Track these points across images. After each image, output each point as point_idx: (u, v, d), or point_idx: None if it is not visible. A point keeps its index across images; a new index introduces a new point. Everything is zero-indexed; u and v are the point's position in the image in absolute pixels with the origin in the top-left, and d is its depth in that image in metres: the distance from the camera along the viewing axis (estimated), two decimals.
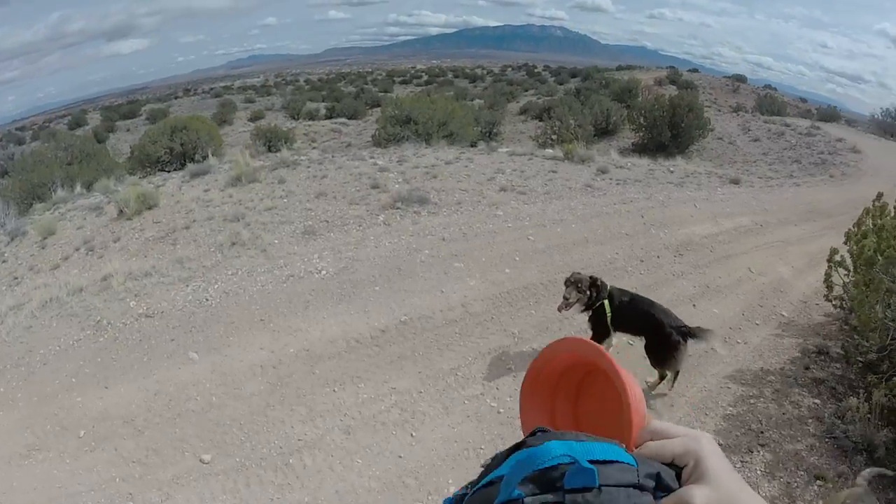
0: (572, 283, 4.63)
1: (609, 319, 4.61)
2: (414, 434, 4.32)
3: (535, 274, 6.72)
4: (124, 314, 6.21)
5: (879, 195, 5.96)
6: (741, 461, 4.12)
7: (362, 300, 6.07)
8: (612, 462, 0.59)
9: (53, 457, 4.46)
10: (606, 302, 4.62)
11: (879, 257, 4.87)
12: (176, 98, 63.54)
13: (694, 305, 6.31)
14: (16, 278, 8.26)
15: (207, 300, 6.24)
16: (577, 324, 5.54)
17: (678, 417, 4.55)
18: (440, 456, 4.11)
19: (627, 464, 0.60)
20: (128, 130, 38.51)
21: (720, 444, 4.00)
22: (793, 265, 7.92)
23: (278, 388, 4.80)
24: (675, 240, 7.97)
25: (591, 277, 4.64)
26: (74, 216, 10.42)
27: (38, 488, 4.19)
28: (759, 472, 4.03)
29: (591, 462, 0.58)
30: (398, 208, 8.49)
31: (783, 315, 6.44)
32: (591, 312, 4.74)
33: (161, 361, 5.34)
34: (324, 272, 6.64)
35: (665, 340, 4.45)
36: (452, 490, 3.73)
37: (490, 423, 4.44)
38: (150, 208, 9.51)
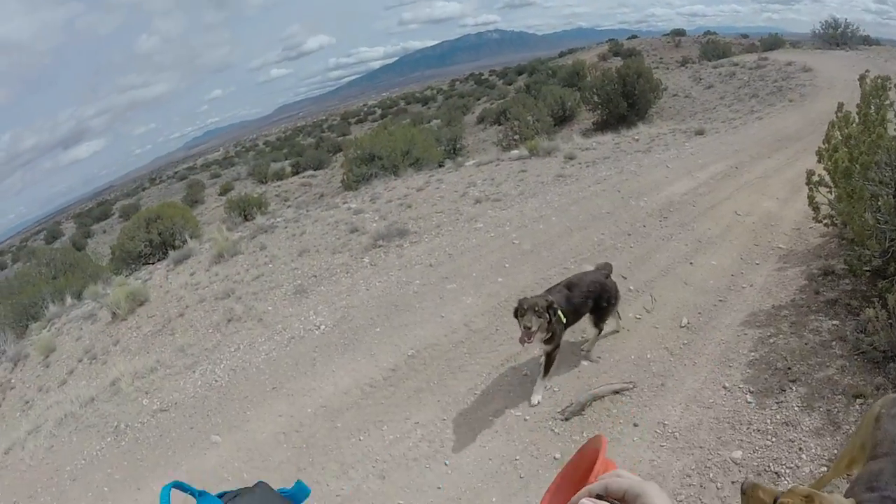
0: (528, 309, 4.27)
1: (564, 323, 4.58)
2: (447, 462, 4.33)
3: (528, 276, 6.77)
4: (139, 413, 6.21)
5: (840, 106, 5.95)
6: (776, 403, 4.10)
7: (366, 345, 6.09)
8: None
9: None
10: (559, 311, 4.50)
11: (855, 166, 4.92)
12: (144, 189, 63.47)
13: (691, 263, 6.35)
14: (27, 402, 8.24)
15: (217, 381, 6.24)
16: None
17: (703, 376, 4.57)
18: (478, 477, 4.12)
19: None
20: (104, 232, 38.45)
21: (751, 392, 4.13)
22: (777, 197, 8.00)
23: (305, 451, 4.81)
24: (657, 205, 8.03)
25: (546, 300, 4.38)
26: (71, 328, 10.41)
27: None
28: (796, 408, 4.00)
29: None
30: (380, 246, 8.53)
31: (780, 248, 6.50)
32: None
33: (186, 451, 5.34)
34: (322, 327, 6.66)
35: (607, 292, 4.80)
36: None
37: (519, 432, 4.46)
38: (141, 304, 9.53)
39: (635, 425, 4.25)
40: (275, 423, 5.25)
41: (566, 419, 4.45)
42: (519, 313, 4.29)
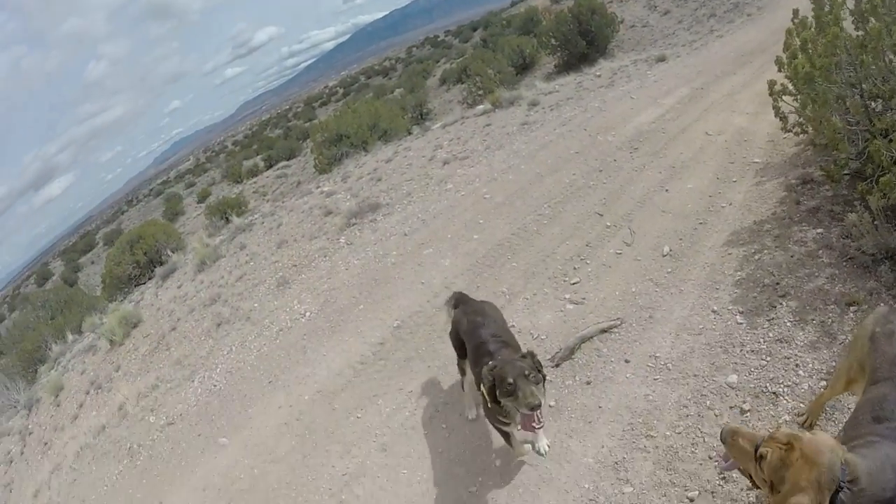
0: (519, 378, 2.98)
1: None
2: (444, 425, 4.37)
3: (504, 228, 6.74)
4: (149, 431, 6.29)
5: (795, 12, 5.76)
6: (768, 321, 4.03)
7: (352, 323, 6.12)
8: None
9: None
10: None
11: (815, 71, 4.84)
12: (123, 213, 62.94)
13: (666, 190, 6.29)
14: (45, 444, 8.33)
15: (216, 386, 6.32)
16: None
17: (691, 303, 4.53)
18: (477, 436, 4.16)
19: None
20: (93, 262, 38.30)
21: (741, 312, 4.13)
22: (747, 112, 7.90)
23: (308, 437, 4.88)
24: (625, 137, 7.95)
25: (524, 356, 3.20)
26: (75, 363, 10.46)
27: None
28: (788, 323, 3.93)
29: None
30: (354, 224, 8.52)
31: (756, 162, 6.41)
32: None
33: (198, 458, 5.44)
34: (308, 314, 6.70)
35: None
36: (499, 463, 3.81)
37: None
38: (135, 326, 9.56)
39: (627, 362, 4.22)
40: (276, 416, 5.31)
41: (557, 366, 4.43)
42: (506, 391, 2.97)
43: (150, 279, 13.46)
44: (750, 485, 2.26)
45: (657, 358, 4.16)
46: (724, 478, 3.05)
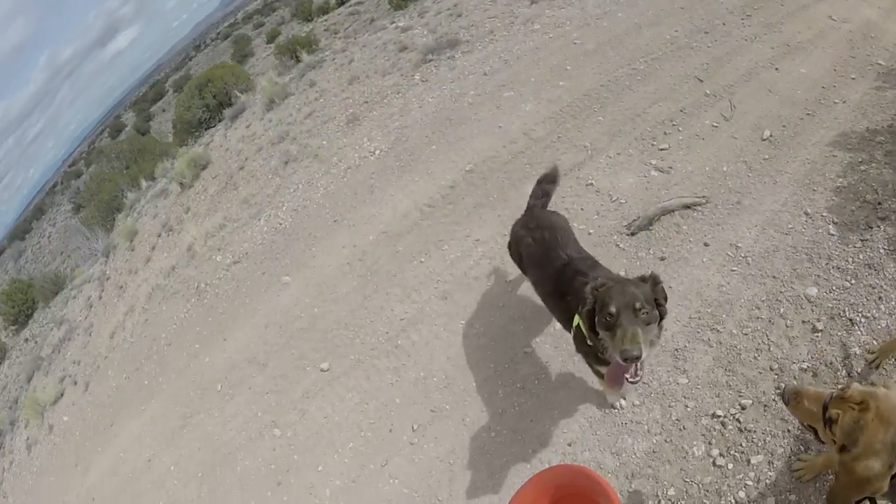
0: (624, 310, 2.37)
1: None
2: (508, 279, 4.49)
3: (593, 77, 6.45)
4: (216, 271, 6.93)
5: None
6: (861, 240, 3.79)
7: (423, 164, 6.23)
8: None
9: (204, 417, 5.30)
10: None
11: None
12: (191, 59, 64.42)
13: (777, 69, 5.77)
14: (121, 287, 9.39)
15: (281, 224, 6.78)
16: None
17: (783, 198, 4.30)
18: None
19: None
20: (164, 111, 40.33)
21: (834, 223, 3.93)
22: (879, 5, 6.85)
23: (370, 278, 5.18)
24: (738, 0, 7.18)
25: (645, 279, 2.56)
26: (148, 209, 11.47)
27: (202, 448, 5.03)
28: (882, 250, 3.68)
29: None
30: (430, 60, 8.41)
31: (880, 64, 5.69)
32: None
33: (260, 296, 5.97)
34: (377, 152, 6.86)
35: None
36: (558, 326, 3.88)
37: (583, 246, 4.42)
38: (204, 168, 10.23)
39: (706, 245, 4.13)
40: (339, 255, 5.66)
41: (632, 234, 4.39)
42: (605, 322, 2.37)
43: (219, 122, 14.09)
44: (814, 438, 2.15)
45: (738, 248, 4.03)
46: (780, 394, 3.00)
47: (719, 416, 3.07)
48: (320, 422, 4.37)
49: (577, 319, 2.62)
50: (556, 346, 3.84)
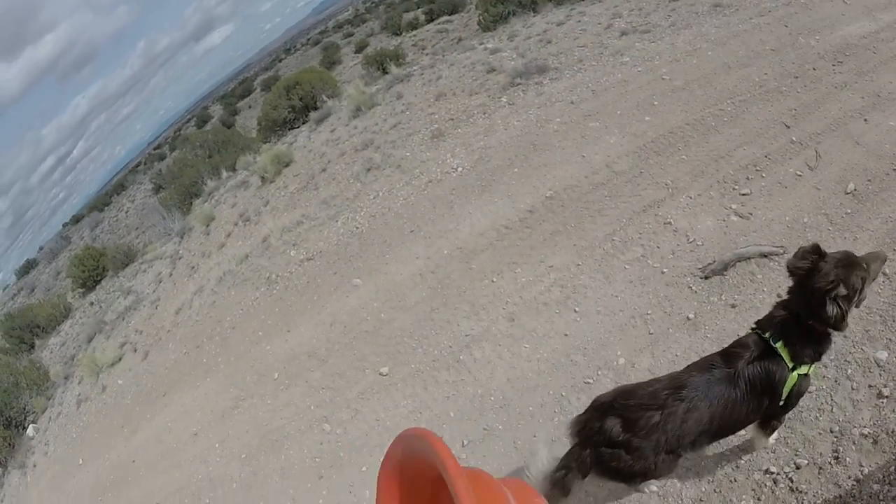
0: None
1: None
2: (577, 309, 4.51)
3: (679, 115, 6.41)
4: (288, 264, 7.17)
5: None
6: None
7: (504, 185, 6.31)
8: None
9: (256, 402, 5.50)
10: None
11: None
12: (280, 61, 66.80)
13: (865, 120, 5.60)
14: (192, 267, 9.79)
15: (357, 228, 6.98)
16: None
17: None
18: (606, 328, 4.26)
19: None
20: (250, 107, 41.85)
21: None
22: None
23: (439, 291, 5.28)
24: (830, 46, 7.02)
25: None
26: (227, 198, 11.92)
27: (250, 431, 5.21)
28: None
29: None
30: (518, 84, 8.53)
31: None
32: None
33: (330, 295, 6.16)
34: (460, 169, 7.00)
35: None
36: (622, 362, 3.90)
37: (655, 285, 4.46)
38: (287, 165, 10.59)
39: (779, 296, 3.96)
40: (412, 265, 5.79)
41: (706, 277, 4.35)
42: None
43: (304, 123, 14.60)
44: None
45: None
46: (836, 457, 2.92)
47: (772, 473, 2.99)
48: (371, 423, 4.47)
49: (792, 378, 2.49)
50: (616, 381, 3.82)
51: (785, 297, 2.55)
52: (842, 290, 2.26)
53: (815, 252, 2.39)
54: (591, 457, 2.55)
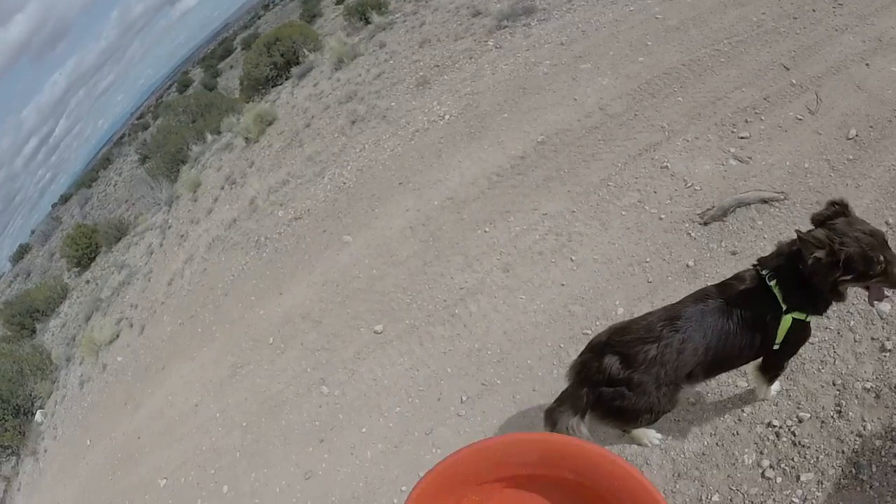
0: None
1: None
2: (573, 258, 4.39)
3: (674, 55, 6.19)
4: (276, 225, 7.04)
5: None
6: None
7: (493, 132, 6.13)
8: None
9: (254, 368, 5.43)
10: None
11: None
12: (259, 18, 65.57)
13: (867, 64, 5.38)
14: (182, 236, 9.68)
15: (345, 183, 6.83)
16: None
17: (865, 203, 3.99)
18: (604, 277, 4.16)
19: None
20: (231, 67, 41.21)
21: None
22: None
23: (431, 244, 5.15)
24: None
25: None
26: (212, 162, 11.75)
27: (248, 398, 5.16)
28: None
29: None
30: (505, 27, 8.26)
31: None
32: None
33: (320, 254, 6.04)
34: (447, 116, 6.80)
35: None
36: (620, 311, 3.78)
37: (653, 231, 4.33)
38: (270, 124, 10.39)
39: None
40: (402, 218, 5.65)
41: (705, 223, 4.22)
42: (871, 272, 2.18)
43: (286, 80, 14.29)
44: None
45: None
46: (839, 411, 2.86)
47: (775, 426, 2.92)
48: (369, 383, 4.39)
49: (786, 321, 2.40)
50: None
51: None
52: (820, 254, 2.12)
53: (839, 205, 2.26)
54: (592, 399, 2.50)
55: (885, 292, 2.50)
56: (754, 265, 2.48)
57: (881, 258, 2.13)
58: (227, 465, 4.74)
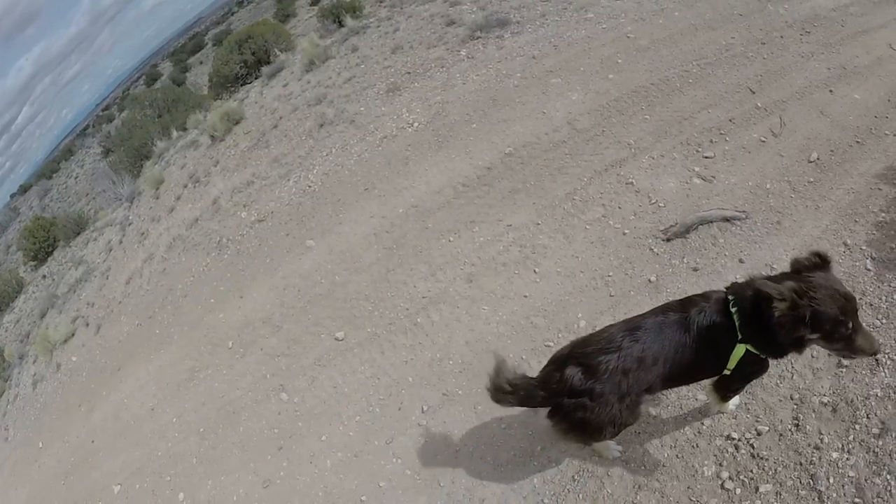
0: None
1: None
2: (537, 270, 4.44)
3: (644, 74, 6.32)
4: (239, 227, 6.94)
5: None
6: None
7: (461, 141, 6.15)
8: None
9: (212, 372, 5.33)
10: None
11: None
12: (233, 14, 64.95)
13: (831, 91, 5.59)
14: (142, 234, 9.49)
15: (310, 187, 6.77)
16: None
17: (824, 225, 4.17)
18: (566, 290, 4.20)
19: None
20: (201, 63, 40.76)
21: (872, 258, 3.76)
22: None
23: (395, 252, 5.14)
24: (798, 15, 6.97)
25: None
26: (176, 159, 11.55)
27: (206, 403, 5.06)
28: None
29: None
30: (479, 38, 8.31)
31: None
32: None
33: (283, 258, 5.97)
34: (416, 124, 6.80)
35: None
36: (582, 324, 3.82)
37: (616, 246, 4.41)
38: (237, 123, 10.25)
39: (741, 261, 4.03)
40: (367, 225, 5.63)
41: (668, 240, 4.32)
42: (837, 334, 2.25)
43: (256, 79, 14.13)
44: None
45: (773, 269, 3.86)
46: (796, 424, 2.95)
47: (734, 439, 2.99)
48: (329, 391, 4.36)
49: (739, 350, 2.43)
50: None
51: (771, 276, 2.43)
52: (781, 306, 2.14)
53: (821, 258, 2.34)
54: (554, 413, 2.57)
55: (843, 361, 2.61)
56: (727, 287, 2.49)
57: (850, 325, 2.18)
58: (184, 471, 4.64)
